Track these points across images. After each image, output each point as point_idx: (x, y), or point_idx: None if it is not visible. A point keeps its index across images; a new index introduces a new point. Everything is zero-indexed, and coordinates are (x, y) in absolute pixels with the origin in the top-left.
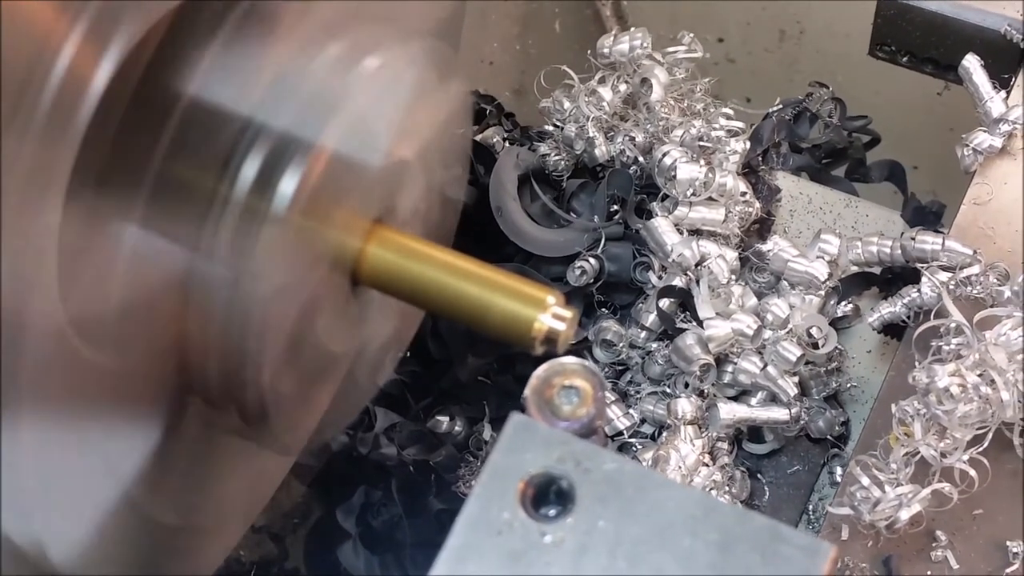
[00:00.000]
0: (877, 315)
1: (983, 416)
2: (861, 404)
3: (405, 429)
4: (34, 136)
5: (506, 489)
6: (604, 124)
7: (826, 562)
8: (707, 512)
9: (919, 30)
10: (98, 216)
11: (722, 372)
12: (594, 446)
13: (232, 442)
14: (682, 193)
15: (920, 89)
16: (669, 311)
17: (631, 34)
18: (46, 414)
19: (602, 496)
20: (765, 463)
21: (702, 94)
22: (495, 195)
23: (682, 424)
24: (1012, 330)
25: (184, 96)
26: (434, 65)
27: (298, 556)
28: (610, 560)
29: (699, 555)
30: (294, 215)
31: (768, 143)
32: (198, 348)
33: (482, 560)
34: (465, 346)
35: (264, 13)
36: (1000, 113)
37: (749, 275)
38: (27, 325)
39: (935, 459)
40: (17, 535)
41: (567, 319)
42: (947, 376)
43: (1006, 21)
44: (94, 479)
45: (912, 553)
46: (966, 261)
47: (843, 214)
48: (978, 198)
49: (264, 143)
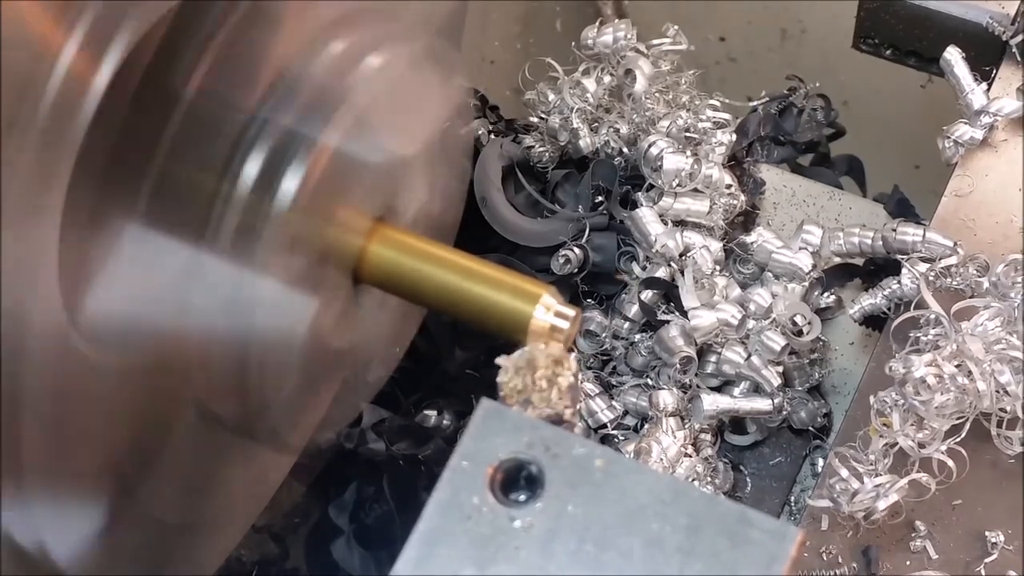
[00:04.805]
0: (858, 307)
1: (960, 406)
2: (843, 396)
3: (394, 424)
4: (35, 136)
5: (475, 474)
6: (588, 115)
7: (793, 545)
8: (676, 496)
9: (902, 23)
10: (100, 216)
11: (706, 362)
12: (563, 431)
13: (233, 442)
14: (668, 183)
15: (920, 89)
16: (651, 303)
17: (615, 25)
18: (47, 413)
19: (571, 481)
20: (747, 455)
21: (687, 86)
22: (479, 186)
23: (664, 416)
24: (989, 320)
25: (185, 95)
26: (436, 63)
27: (299, 556)
28: (579, 544)
29: (667, 539)
30: (296, 213)
31: (754, 136)
32: (200, 347)
33: (451, 544)
34: (452, 340)
35: (265, 12)
36: (981, 105)
37: (733, 267)
38: (28, 325)
39: (913, 450)
40: (18, 535)
41: (570, 317)
42: (924, 366)
43: (988, 14)
44: (95, 478)
45: (892, 544)
46: (946, 252)
47: (826, 207)
48: (959, 190)
49: (266, 142)
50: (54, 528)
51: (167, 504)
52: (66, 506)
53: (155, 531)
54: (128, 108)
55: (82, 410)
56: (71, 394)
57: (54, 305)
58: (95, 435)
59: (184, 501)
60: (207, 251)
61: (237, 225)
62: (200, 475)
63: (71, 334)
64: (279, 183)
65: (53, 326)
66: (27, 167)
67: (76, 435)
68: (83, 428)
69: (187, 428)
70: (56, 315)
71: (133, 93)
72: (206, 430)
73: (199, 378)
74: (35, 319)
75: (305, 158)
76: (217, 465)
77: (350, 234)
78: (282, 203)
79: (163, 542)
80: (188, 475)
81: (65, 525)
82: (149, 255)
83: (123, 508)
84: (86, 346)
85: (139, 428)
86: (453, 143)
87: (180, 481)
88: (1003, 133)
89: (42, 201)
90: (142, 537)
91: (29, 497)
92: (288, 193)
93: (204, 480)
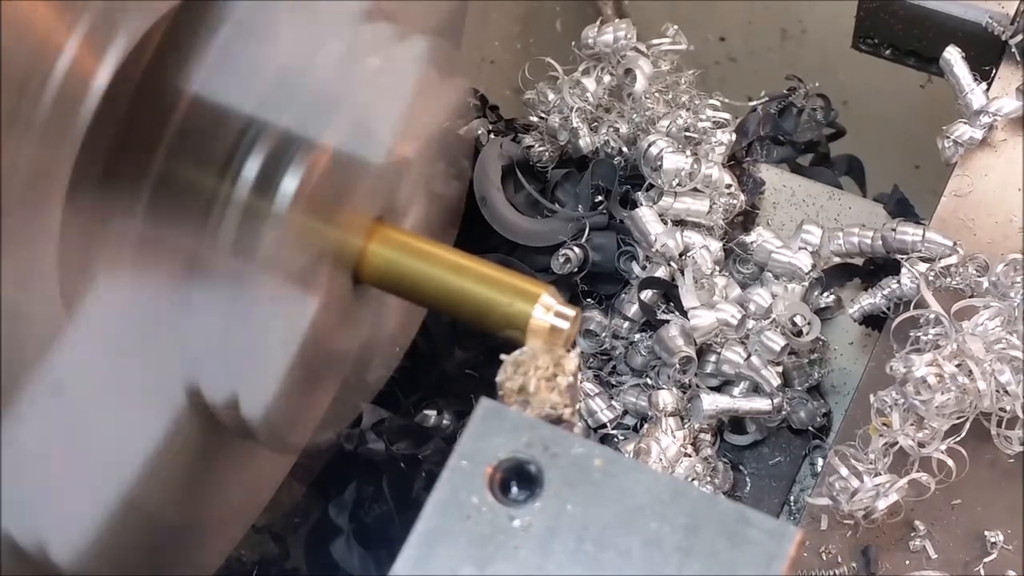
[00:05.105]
0: (857, 306)
1: (960, 406)
2: (843, 395)
3: (393, 424)
4: (35, 136)
5: (474, 474)
6: (588, 115)
7: (791, 545)
8: (674, 496)
9: (901, 23)
10: (99, 216)
11: (705, 362)
12: (562, 431)
13: (233, 441)
14: (668, 183)
15: (920, 89)
16: (651, 303)
17: (615, 25)
18: (47, 413)
19: (570, 480)
20: (747, 454)
21: (687, 86)
22: (479, 185)
23: (663, 416)
24: (989, 320)
25: (185, 95)
26: (436, 63)
27: (299, 556)
28: (577, 544)
29: (666, 538)
30: (296, 214)
31: (753, 136)
32: (200, 347)
33: (450, 544)
34: (451, 339)
35: (265, 12)
36: (980, 105)
37: (733, 266)
38: (28, 324)
39: (913, 449)
40: (18, 534)
41: (570, 317)
42: (924, 366)
43: (987, 14)
44: (95, 478)
45: (891, 543)
46: (946, 252)
47: (826, 206)
48: (959, 190)
49: (266, 142)
50: (55, 527)
51: (167, 503)
52: (66, 505)
53: (155, 531)
54: (128, 108)
55: (81, 409)
56: (70, 393)
57: (53, 304)
58: (94, 434)
59: (184, 500)
60: (207, 251)
61: (237, 225)
62: (200, 475)
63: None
64: (279, 183)
65: (52, 325)
66: (27, 166)
67: (75, 434)
68: (82, 427)
69: (186, 427)
70: (55, 314)
71: (133, 93)
72: (205, 430)
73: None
74: (34, 318)
75: (305, 158)
76: (217, 465)
77: (350, 234)
78: (282, 203)
79: (163, 542)
80: (188, 474)
81: (66, 524)
82: (149, 255)
83: (123, 507)
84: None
85: (139, 427)
86: (453, 143)
87: (180, 480)
88: (1003, 133)
89: (42, 200)
90: (142, 537)
91: (29, 496)
92: (288, 193)
93: (204, 480)
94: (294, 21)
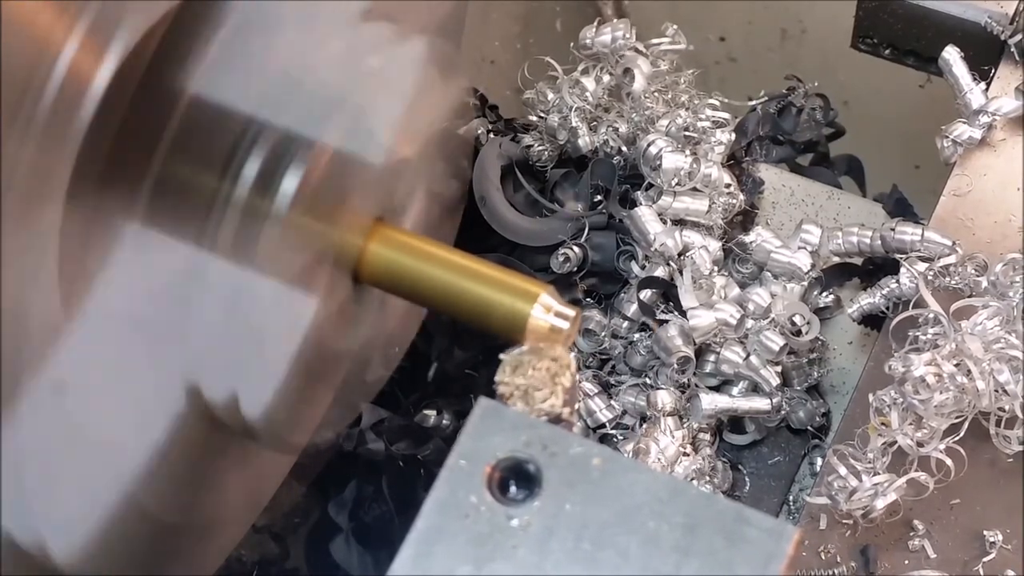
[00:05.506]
0: (856, 306)
1: (959, 405)
2: (842, 395)
3: (393, 424)
4: (35, 136)
5: (473, 473)
6: (588, 114)
7: (790, 544)
8: (673, 495)
9: (900, 22)
10: (99, 216)
11: (704, 362)
12: (561, 430)
13: (233, 441)
14: (667, 182)
15: (919, 89)
16: (650, 302)
17: (613, 25)
18: (47, 413)
19: (569, 480)
20: (746, 454)
21: (686, 85)
22: (479, 185)
23: (662, 415)
24: (988, 320)
25: (185, 95)
26: (436, 63)
27: (299, 556)
28: (576, 543)
29: (664, 537)
30: (296, 214)
31: (753, 135)
32: (200, 347)
33: (449, 543)
34: (451, 339)
35: (265, 12)
36: (979, 105)
37: (732, 266)
38: (28, 324)
39: (912, 448)
40: (18, 534)
41: (569, 317)
42: (923, 365)
43: (987, 13)
44: (95, 478)
45: (890, 543)
46: (945, 252)
47: (825, 206)
48: (958, 189)
49: (266, 142)
50: (54, 528)
51: (167, 503)
52: (67, 505)
53: (155, 531)
54: (128, 108)
55: (81, 409)
56: (70, 393)
57: (53, 304)
58: (95, 434)
59: (184, 500)
60: (207, 251)
61: (237, 225)
62: (200, 474)
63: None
64: (279, 183)
65: (52, 325)
66: (27, 166)
67: (75, 434)
68: (82, 427)
69: (187, 427)
70: (55, 314)
71: (133, 93)
72: (206, 430)
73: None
74: (34, 318)
75: (305, 158)
76: (217, 464)
77: (350, 234)
78: (282, 203)
79: (163, 542)
80: (188, 474)
81: (66, 524)
82: (149, 255)
83: (123, 507)
84: (86, 346)
85: (139, 427)
86: (452, 143)
87: (180, 480)
88: (1002, 132)
89: (42, 200)
90: (142, 537)
91: (30, 496)
92: (288, 193)
93: (204, 479)
94: (294, 21)
